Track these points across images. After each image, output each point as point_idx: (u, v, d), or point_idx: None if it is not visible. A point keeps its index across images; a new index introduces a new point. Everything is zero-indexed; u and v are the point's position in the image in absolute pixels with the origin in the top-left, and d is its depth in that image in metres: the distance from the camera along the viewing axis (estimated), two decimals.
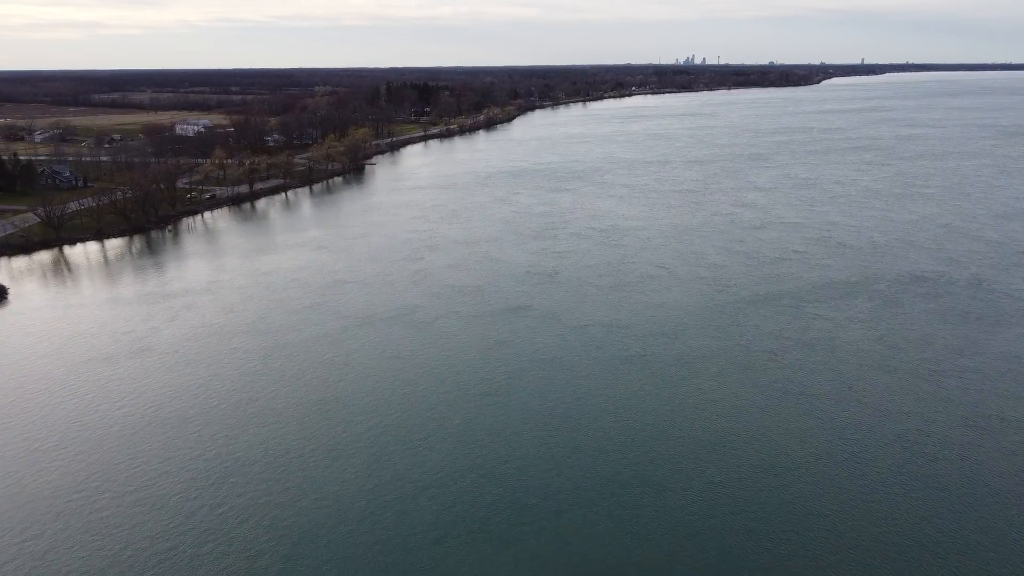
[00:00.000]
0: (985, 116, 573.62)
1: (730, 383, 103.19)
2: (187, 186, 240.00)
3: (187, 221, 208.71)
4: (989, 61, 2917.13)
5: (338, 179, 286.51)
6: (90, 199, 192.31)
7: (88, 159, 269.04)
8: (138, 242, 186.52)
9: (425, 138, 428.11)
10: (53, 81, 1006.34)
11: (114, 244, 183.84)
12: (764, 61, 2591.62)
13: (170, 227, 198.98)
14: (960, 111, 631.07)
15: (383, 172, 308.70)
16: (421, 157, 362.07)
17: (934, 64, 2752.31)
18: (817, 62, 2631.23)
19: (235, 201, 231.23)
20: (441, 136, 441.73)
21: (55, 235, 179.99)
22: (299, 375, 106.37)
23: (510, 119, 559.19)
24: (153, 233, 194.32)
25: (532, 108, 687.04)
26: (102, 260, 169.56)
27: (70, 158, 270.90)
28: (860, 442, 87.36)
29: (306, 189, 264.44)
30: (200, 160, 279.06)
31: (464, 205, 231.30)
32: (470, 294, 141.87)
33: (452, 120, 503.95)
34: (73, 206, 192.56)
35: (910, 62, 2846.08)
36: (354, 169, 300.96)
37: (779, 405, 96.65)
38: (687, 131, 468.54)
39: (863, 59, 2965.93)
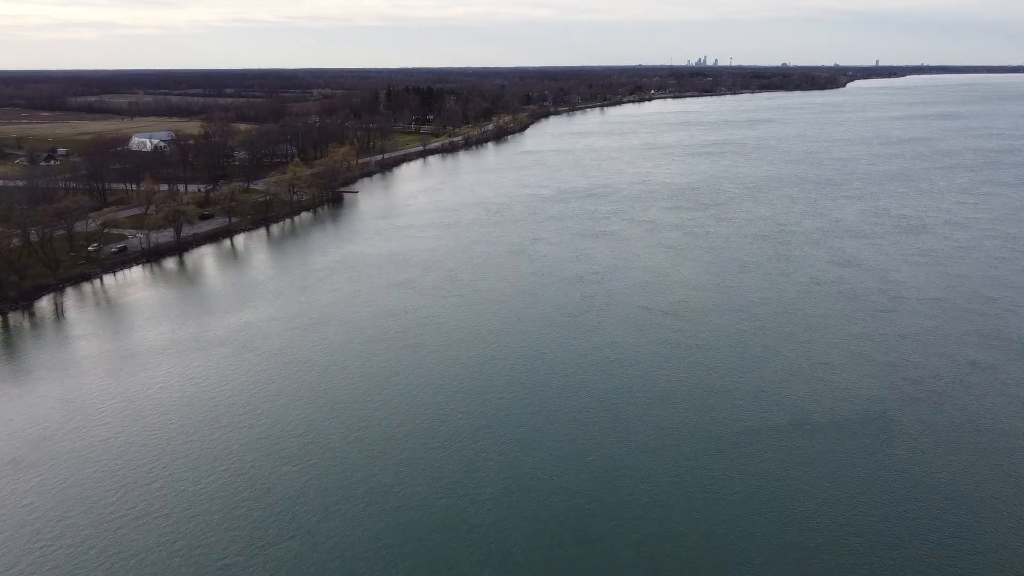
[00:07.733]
0: None
1: None
2: (97, 228, 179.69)
3: (74, 291, 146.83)
4: (1006, 63, 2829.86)
5: (307, 215, 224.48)
6: None
7: None
8: None
9: (424, 154, 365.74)
10: (42, 82, 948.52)
11: None
12: (777, 62, 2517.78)
13: (31, 308, 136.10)
14: None
15: (367, 203, 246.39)
16: (418, 180, 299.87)
17: (950, 66, 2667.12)
18: (831, 63, 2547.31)
19: (153, 256, 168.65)
20: (444, 151, 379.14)
21: None
22: None
23: (523, 128, 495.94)
24: (10, 316, 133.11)
25: (546, 115, 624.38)
26: None
27: None
28: None
29: (261, 231, 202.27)
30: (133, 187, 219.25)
31: (467, 260, 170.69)
32: (474, 473, 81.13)
33: (457, 130, 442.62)
34: None
35: (924, 64, 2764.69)
36: (330, 200, 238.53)
37: None
38: (729, 145, 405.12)
39: (877, 61, 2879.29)
